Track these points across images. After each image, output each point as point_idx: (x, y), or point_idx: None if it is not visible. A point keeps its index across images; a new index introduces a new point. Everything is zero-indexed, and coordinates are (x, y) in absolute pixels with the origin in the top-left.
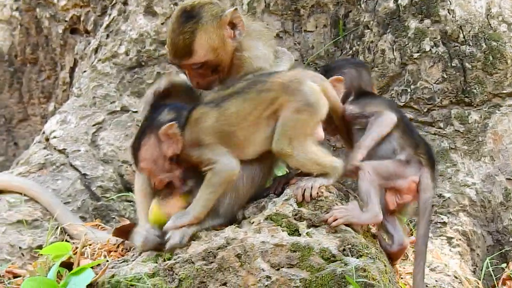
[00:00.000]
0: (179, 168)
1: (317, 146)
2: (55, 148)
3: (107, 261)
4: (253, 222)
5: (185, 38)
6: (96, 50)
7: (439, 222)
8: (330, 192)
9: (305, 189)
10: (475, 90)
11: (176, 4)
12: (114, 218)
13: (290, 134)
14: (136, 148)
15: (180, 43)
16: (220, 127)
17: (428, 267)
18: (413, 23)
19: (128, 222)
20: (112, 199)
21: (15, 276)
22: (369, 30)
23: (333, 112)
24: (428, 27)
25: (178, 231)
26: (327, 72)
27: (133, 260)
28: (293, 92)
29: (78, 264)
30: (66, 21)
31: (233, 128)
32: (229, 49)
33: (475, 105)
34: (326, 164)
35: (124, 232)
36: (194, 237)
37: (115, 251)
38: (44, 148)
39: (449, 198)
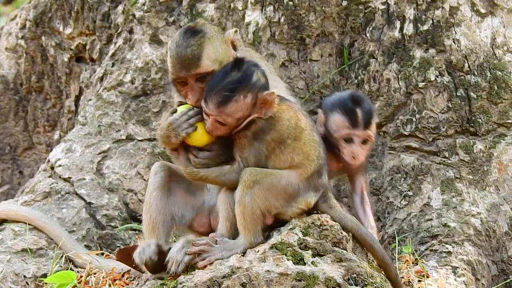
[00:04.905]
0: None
1: None
2: (60, 177)
3: None
4: (258, 251)
5: (193, 49)
6: (101, 79)
7: (444, 252)
8: (335, 221)
9: None
10: (480, 120)
11: None
12: (119, 247)
13: None
14: (225, 99)
15: (188, 54)
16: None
17: None
18: (418, 53)
19: None
20: (117, 227)
21: None
22: (374, 60)
23: None
24: (433, 57)
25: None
26: None
27: None
28: None
29: None
30: (71, 49)
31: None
32: None
33: (480, 134)
34: None
35: (128, 255)
36: None
37: (120, 280)
38: (49, 176)
39: (454, 227)
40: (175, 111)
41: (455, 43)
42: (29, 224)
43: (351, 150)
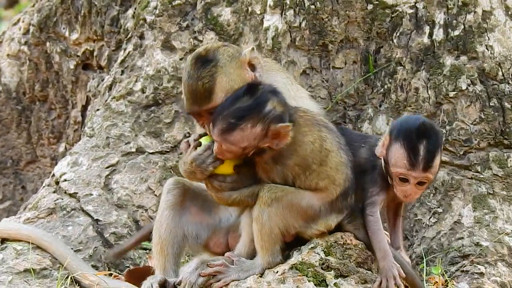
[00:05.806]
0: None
1: None
2: (65, 192)
3: None
4: (277, 272)
5: (204, 82)
6: (110, 87)
7: (476, 273)
8: (359, 240)
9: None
10: None
11: (196, 38)
12: (128, 267)
13: None
14: (230, 127)
15: (200, 88)
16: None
17: None
18: (448, 60)
19: None
20: None
21: None
22: (401, 67)
23: None
24: (464, 64)
25: None
26: None
27: None
28: None
29: None
30: (78, 56)
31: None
32: None
33: None
34: None
35: (137, 277)
36: None
37: None
38: (54, 192)
39: (487, 247)
40: (199, 144)
41: (488, 50)
42: (32, 243)
43: (405, 189)
